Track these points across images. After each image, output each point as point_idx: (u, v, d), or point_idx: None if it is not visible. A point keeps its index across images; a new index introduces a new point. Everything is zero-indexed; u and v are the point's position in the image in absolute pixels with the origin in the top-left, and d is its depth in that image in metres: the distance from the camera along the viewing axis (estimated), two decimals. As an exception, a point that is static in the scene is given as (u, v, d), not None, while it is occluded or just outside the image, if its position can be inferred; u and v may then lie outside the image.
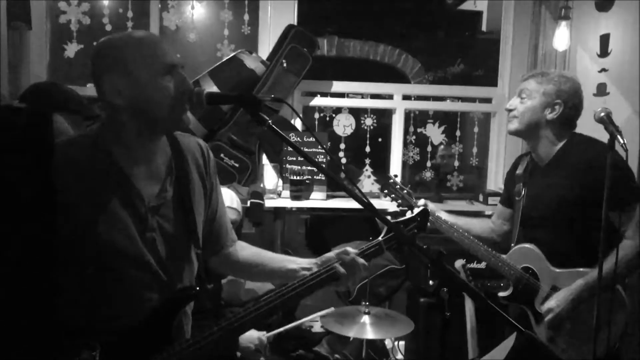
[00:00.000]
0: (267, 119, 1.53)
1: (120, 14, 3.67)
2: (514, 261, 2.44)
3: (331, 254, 1.71)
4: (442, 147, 4.07)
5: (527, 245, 2.43)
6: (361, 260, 1.68)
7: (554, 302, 2.30)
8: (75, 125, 2.42)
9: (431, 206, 2.57)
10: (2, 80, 2.99)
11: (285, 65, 3.49)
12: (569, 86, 2.37)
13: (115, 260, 1.47)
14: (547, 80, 2.38)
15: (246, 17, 3.73)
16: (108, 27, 3.65)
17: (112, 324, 1.44)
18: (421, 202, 2.58)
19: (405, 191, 2.63)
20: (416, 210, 2.02)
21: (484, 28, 8.64)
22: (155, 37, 1.58)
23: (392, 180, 2.64)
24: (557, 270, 2.35)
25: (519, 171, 2.57)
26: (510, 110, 2.45)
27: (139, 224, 1.50)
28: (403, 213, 2.25)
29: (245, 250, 1.84)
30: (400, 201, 2.64)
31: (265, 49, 3.65)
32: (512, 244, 2.51)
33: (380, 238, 1.78)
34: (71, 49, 3.65)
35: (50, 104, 2.40)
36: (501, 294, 2.47)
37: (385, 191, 2.67)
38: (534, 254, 2.40)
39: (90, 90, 3.61)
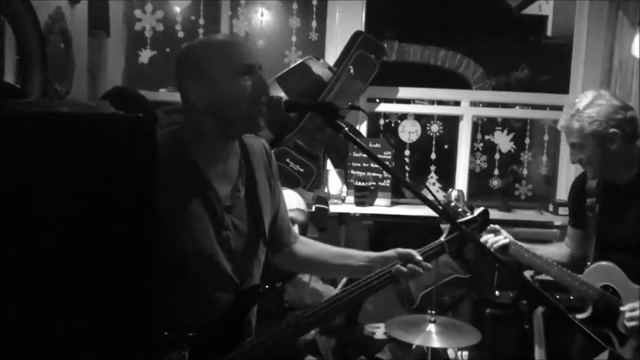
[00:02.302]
0: (344, 126, 1.56)
1: (193, 21, 3.78)
2: (592, 280, 2.30)
3: (392, 252, 1.75)
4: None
5: (604, 262, 2.29)
6: (425, 263, 1.72)
7: None
8: None
9: (504, 233, 2.46)
10: (82, 84, 3.12)
11: (352, 71, 3.50)
12: (605, 111, 2.23)
13: (192, 258, 1.51)
14: (585, 125, 2.24)
15: (314, 23, 3.76)
16: (180, 34, 3.75)
17: (187, 321, 1.48)
18: (494, 227, 2.44)
19: (468, 213, 2.52)
20: (477, 211, 2.00)
21: (549, 33, 8.42)
22: (234, 39, 1.63)
23: (453, 204, 2.43)
24: None
25: (590, 184, 2.43)
26: (577, 163, 2.35)
27: (215, 223, 1.55)
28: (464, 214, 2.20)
29: (307, 247, 1.88)
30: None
31: (332, 55, 3.67)
32: (589, 263, 2.38)
33: (442, 238, 1.81)
34: (145, 55, 3.77)
35: (134, 106, 2.52)
36: (580, 315, 2.32)
37: None
38: (614, 271, 2.27)
39: (162, 95, 3.73)
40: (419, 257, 1.72)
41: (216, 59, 1.50)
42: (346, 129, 1.57)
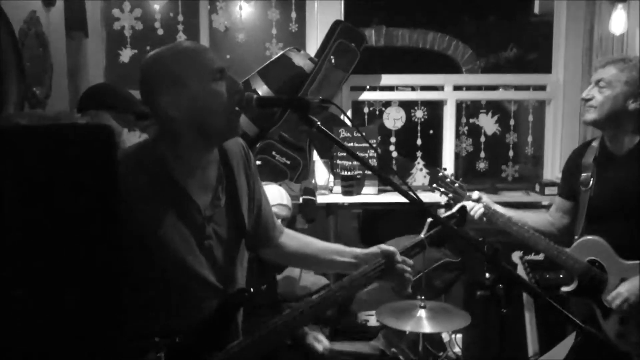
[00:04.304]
0: (316, 120, 1.55)
1: (171, 18, 3.76)
2: (579, 254, 2.32)
3: (376, 250, 1.75)
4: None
5: (592, 237, 2.31)
6: (408, 261, 1.74)
7: (624, 288, 2.19)
8: (127, 124, 2.54)
9: (485, 199, 2.49)
10: (63, 87, 3.11)
11: (333, 61, 3.49)
12: None
13: (175, 269, 1.50)
14: (629, 68, 2.21)
15: (293, 14, 3.75)
16: (160, 32, 3.73)
17: (172, 328, 1.47)
18: (475, 194, 2.50)
19: (456, 185, 2.55)
20: (455, 207, 2.02)
21: (536, 10, 8.36)
22: (201, 46, 1.60)
23: (441, 174, 2.54)
24: (628, 262, 2.23)
25: (586, 160, 2.41)
26: (587, 100, 2.28)
27: (197, 233, 1.53)
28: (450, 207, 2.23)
29: (294, 241, 1.86)
30: (451, 195, 2.54)
31: (313, 45, 3.67)
32: (576, 237, 2.39)
33: (422, 235, 1.83)
34: (125, 54, 3.76)
35: (103, 104, 2.51)
36: (565, 288, 2.35)
37: (434, 185, 2.58)
38: (601, 246, 2.28)
39: (145, 93, 3.72)
40: (399, 257, 1.72)
41: (188, 66, 1.46)
42: (318, 123, 1.57)
